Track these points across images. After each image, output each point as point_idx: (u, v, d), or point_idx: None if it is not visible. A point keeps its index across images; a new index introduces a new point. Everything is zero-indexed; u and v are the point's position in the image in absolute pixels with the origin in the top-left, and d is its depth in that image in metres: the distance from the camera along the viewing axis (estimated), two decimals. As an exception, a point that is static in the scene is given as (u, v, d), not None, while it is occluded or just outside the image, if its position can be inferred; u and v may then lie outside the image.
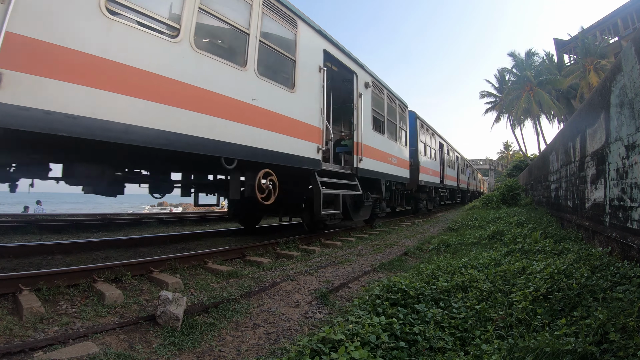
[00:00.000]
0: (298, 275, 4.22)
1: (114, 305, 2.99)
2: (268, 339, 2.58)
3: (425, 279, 3.49)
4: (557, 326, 2.21)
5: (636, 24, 25.57)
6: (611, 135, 3.76)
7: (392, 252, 5.95)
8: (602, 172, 4.12)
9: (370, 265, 4.84)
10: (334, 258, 5.38)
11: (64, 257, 4.86)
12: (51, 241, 5.76)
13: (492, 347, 2.08)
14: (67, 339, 2.32)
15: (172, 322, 2.58)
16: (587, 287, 2.69)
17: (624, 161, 3.37)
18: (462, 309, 2.71)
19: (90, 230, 7.70)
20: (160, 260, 4.22)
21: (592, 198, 4.63)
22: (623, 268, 2.87)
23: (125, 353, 2.19)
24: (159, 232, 7.90)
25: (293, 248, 5.97)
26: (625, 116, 3.31)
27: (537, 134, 33.55)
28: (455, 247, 6.07)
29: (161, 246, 6.05)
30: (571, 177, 6.08)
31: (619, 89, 3.50)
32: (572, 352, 1.85)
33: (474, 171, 33.86)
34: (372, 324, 2.32)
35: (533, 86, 30.69)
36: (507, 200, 14.07)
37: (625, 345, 1.83)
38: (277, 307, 3.20)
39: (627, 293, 2.41)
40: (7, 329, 2.40)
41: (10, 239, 6.21)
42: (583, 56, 27.65)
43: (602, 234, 3.95)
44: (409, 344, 2.21)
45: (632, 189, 3.19)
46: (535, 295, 2.72)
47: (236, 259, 5.08)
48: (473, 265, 4.00)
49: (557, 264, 3.31)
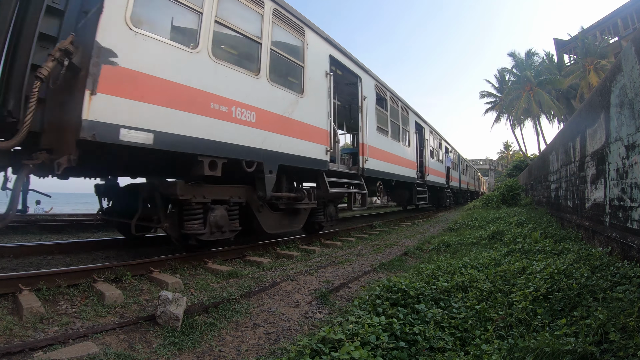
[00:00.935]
0: (298, 275, 4.22)
1: (114, 305, 2.99)
2: (268, 339, 2.58)
3: (425, 279, 3.49)
4: (557, 326, 2.21)
5: (636, 24, 25.56)
6: (611, 135, 3.76)
7: (392, 252, 5.95)
8: (602, 172, 4.12)
9: (370, 265, 4.84)
10: (334, 258, 5.38)
11: (64, 257, 4.86)
12: (51, 241, 5.76)
13: (492, 347, 2.08)
14: (67, 339, 2.32)
15: (172, 322, 2.58)
16: (587, 287, 2.69)
17: (624, 161, 3.37)
18: (462, 309, 2.71)
19: (90, 230, 7.70)
20: (160, 260, 4.23)
21: (592, 198, 4.63)
22: (623, 268, 2.87)
23: (125, 353, 2.20)
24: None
25: (293, 248, 5.97)
26: (625, 116, 3.31)
27: (537, 134, 33.58)
28: (455, 247, 6.07)
29: (161, 246, 6.05)
30: (571, 177, 6.08)
31: (619, 89, 3.50)
32: (572, 352, 1.85)
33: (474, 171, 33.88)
34: (372, 324, 2.32)
35: (533, 86, 30.68)
36: (507, 200, 14.07)
37: (625, 345, 1.83)
38: (277, 307, 3.20)
39: (627, 293, 2.41)
40: (7, 329, 2.41)
41: (10, 239, 6.21)
42: (583, 56, 27.65)
43: (602, 234, 3.95)
44: (409, 344, 2.21)
45: (632, 189, 3.19)
46: (535, 295, 2.71)
47: (236, 259, 5.08)
48: (473, 265, 4.00)
49: (557, 264, 3.31)
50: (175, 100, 3.76)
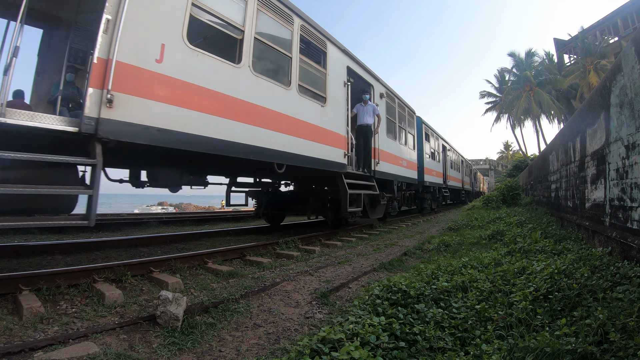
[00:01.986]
0: (298, 275, 4.22)
1: (114, 305, 2.99)
2: (268, 338, 2.58)
3: (425, 279, 3.49)
4: (557, 326, 2.21)
5: (636, 24, 25.56)
6: (611, 135, 3.76)
7: (392, 252, 5.95)
8: (602, 172, 4.11)
9: (370, 265, 4.84)
10: (334, 258, 5.38)
11: (64, 257, 4.86)
12: (51, 241, 5.76)
13: (492, 347, 2.08)
14: (67, 339, 2.32)
15: (172, 322, 2.58)
16: (587, 287, 2.69)
17: (624, 161, 3.37)
18: (462, 309, 2.71)
19: (90, 230, 7.69)
20: (160, 260, 4.22)
21: (592, 198, 4.63)
22: (623, 268, 2.87)
23: (125, 353, 2.20)
24: (159, 232, 7.91)
25: (293, 248, 5.97)
26: (625, 116, 3.31)
27: (537, 134, 33.56)
28: (456, 247, 6.07)
29: (161, 246, 6.05)
30: (571, 177, 6.08)
31: (619, 89, 3.49)
32: (572, 352, 1.85)
33: (474, 171, 33.86)
34: (372, 324, 2.32)
35: (533, 86, 30.67)
36: (507, 200, 14.07)
37: (625, 345, 1.83)
38: (277, 307, 3.20)
39: (627, 293, 2.41)
40: (7, 329, 2.41)
41: (10, 239, 6.21)
42: (583, 56, 27.64)
43: (602, 234, 3.95)
44: (409, 344, 2.21)
45: (632, 189, 3.19)
46: (535, 295, 2.71)
47: (236, 259, 5.08)
48: (473, 265, 4.00)
49: (557, 264, 3.31)
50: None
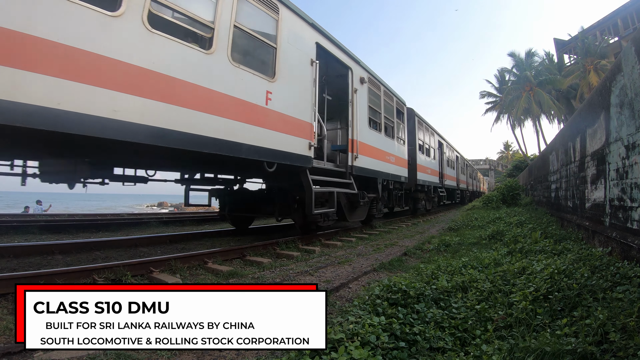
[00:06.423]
0: (298, 275, 4.22)
1: (114, 305, 2.98)
2: (268, 339, 2.57)
3: (425, 279, 3.49)
4: (557, 326, 2.21)
5: (636, 24, 25.56)
6: (611, 135, 3.76)
7: (392, 252, 5.95)
8: (602, 172, 4.12)
9: (370, 265, 4.84)
10: (334, 258, 5.38)
11: (64, 257, 4.86)
12: (51, 241, 5.77)
13: (492, 347, 2.08)
14: (67, 339, 2.31)
15: (172, 322, 2.57)
16: (587, 287, 2.69)
17: (624, 161, 3.37)
18: (462, 309, 2.71)
19: (90, 230, 7.70)
20: (160, 260, 4.22)
21: (592, 198, 4.63)
22: (623, 268, 2.87)
23: (125, 353, 2.19)
24: (159, 232, 7.91)
25: (293, 248, 5.97)
26: (625, 116, 3.31)
27: (537, 134, 33.54)
28: (455, 247, 6.07)
29: (161, 246, 6.05)
30: (571, 177, 6.08)
31: (619, 89, 3.50)
32: (572, 352, 1.85)
33: (474, 171, 33.83)
34: (372, 324, 2.32)
35: (533, 86, 30.66)
36: (507, 200, 14.06)
37: (625, 345, 1.83)
38: (277, 307, 3.19)
39: (627, 293, 2.41)
40: (7, 329, 2.40)
41: (10, 239, 6.21)
42: (583, 56, 27.64)
43: (602, 234, 3.95)
44: (409, 344, 2.21)
45: (632, 189, 3.19)
46: (535, 296, 2.71)
47: (236, 259, 5.08)
48: (473, 265, 4.00)
49: (557, 264, 3.31)
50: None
